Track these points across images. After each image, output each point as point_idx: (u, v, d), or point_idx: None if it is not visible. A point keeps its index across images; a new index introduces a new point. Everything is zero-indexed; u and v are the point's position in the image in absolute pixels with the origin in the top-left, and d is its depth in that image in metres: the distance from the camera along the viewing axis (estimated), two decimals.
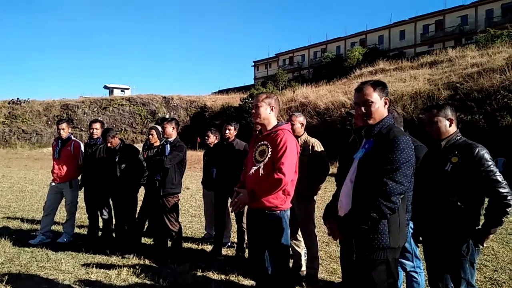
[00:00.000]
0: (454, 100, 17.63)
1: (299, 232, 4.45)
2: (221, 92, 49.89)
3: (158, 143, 5.20)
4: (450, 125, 2.87)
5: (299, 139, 4.36)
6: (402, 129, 3.27)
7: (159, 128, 5.40)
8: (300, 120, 4.38)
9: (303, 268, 4.49)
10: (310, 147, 4.30)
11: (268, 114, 3.16)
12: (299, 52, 56.68)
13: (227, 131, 5.32)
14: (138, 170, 5.32)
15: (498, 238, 5.88)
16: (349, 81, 29.29)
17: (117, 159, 5.33)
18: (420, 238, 3.05)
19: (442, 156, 2.82)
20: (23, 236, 6.01)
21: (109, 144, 5.42)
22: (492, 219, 2.67)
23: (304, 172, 4.20)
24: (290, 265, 4.32)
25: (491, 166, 2.66)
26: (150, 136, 5.31)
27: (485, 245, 2.75)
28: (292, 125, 4.30)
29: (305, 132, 4.47)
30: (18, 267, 4.67)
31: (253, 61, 64.32)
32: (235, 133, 5.39)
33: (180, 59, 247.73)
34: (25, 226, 6.79)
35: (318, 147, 4.35)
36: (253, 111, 3.21)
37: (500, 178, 2.65)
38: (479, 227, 2.73)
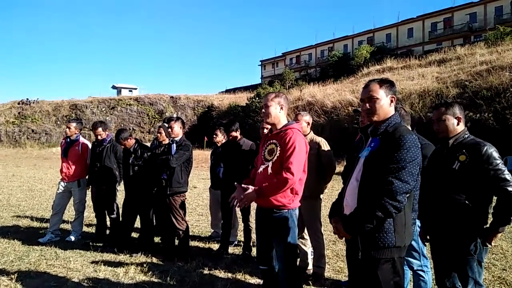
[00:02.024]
0: (463, 98, 17.50)
1: (306, 231, 4.44)
2: (228, 91, 50.01)
3: (166, 141, 5.22)
4: (458, 124, 2.85)
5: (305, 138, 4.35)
6: (409, 127, 3.26)
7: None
8: (306, 119, 4.38)
9: (310, 266, 4.48)
10: (317, 146, 4.29)
11: (278, 113, 3.16)
12: (306, 51, 56.52)
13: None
14: (152, 171, 5.29)
15: (507, 237, 5.82)
16: (357, 79, 29.20)
17: (130, 160, 5.34)
18: (428, 237, 3.03)
19: (450, 155, 2.80)
20: (32, 234, 6.08)
21: (123, 146, 5.46)
22: (501, 218, 2.65)
23: (310, 171, 4.18)
24: (297, 263, 4.33)
25: (499, 164, 2.63)
26: (159, 135, 5.35)
27: (493, 244, 2.73)
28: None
29: (311, 131, 4.47)
30: (27, 265, 4.73)
31: (260, 60, 64.32)
32: (238, 133, 5.37)
33: (188, 59, 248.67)
34: (35, 224, 6.88)
35: (325, 146, 4.34)
36: (263, 110, 3.22)
37: (508, 176, 2.62)
38: (487, 226, 2.71)
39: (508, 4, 37.33)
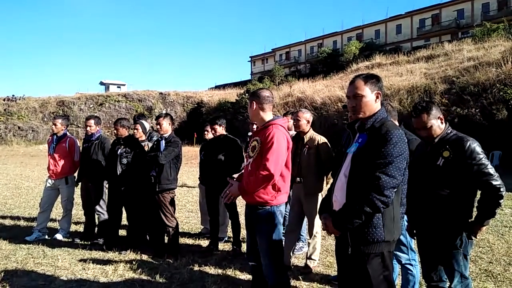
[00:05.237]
0: (450, 94, 17.69)
1: (302, 227, 4.46)
2: (217, 87, 49.80)
3: (143, 138, 5.21)
4: (442, 122, 2.86)
5: (304, 136, 4.33)
6: (397, 122, 3.28)
7: (145, 123, 5.45)
8: (306, 117, 4.33)
9: (303, 261, 4.50)
10: (316, 144, 4.26)
11: (255, 111, 3.18)
12: (296, 47, 56.53)
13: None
14: (141, 167, 5.17)
15: (493, 231, 5.92)
16: (346, 75, 29.29)
17: (119, 152, 5.22)
18: (414, 231, 3.06)
19: (434, 151, 2.81)
20: (19, 233, 6.00)
21: (115, 131, 5.38)
22: (485, 211, 2.68)
23: (311, 169, 4.20)
24: (291, 259, 4.36)
25: (483, 159, 2.65)
26: (135, 131, 5.31)
27: (478, 237, 2.76)
28: (298, 121, 4.29)
29: (311, 129, 4.43)
30: (14, 264, 4.66)
31: (250, 56, 64.13)
32: (222, 129, 5.30)
33: (177, 55, 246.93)
34: (21, 223, 6.78)
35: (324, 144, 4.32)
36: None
37: (492, 170, 2.65)
38: (472, 219, 2.75)
39: (494, 1, 37.80)
